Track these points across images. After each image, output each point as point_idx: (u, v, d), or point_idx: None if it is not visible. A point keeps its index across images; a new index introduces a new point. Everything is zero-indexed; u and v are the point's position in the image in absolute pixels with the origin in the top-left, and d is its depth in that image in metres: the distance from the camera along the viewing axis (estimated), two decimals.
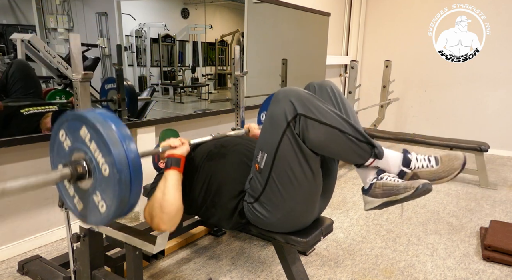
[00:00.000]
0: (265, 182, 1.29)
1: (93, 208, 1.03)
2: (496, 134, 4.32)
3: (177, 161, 1.36)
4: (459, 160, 1.23)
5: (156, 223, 1.29)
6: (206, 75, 3.65)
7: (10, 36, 2.00)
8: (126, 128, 0.99)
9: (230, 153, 1.50)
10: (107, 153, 0.94)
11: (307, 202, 1.33)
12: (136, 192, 0.98)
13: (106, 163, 0.95)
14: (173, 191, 1.31)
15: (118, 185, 0.93)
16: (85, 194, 1.04)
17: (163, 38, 3.11)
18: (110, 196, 0.97)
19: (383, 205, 1.25)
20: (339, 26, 4.95)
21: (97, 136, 0.96)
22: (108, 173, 0.95)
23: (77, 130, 1.01)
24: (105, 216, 1.00)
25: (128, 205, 0.98)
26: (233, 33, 3.53)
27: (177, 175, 1.35)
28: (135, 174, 0.96)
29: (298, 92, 1.22)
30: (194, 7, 3.28)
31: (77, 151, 1.02)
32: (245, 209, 1.39)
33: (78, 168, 0.99)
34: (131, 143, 0.98)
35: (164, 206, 1.28)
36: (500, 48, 4.22)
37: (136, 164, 0.96)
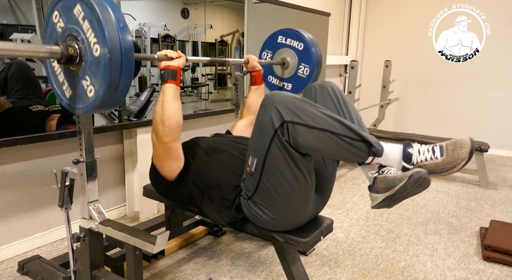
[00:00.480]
0: (257, 185, 1.29)
1: (81, 94, 1.02)
2: (496, 134, 4.32)
3: (173, 73, 1.36)
4: (466, 148, 1.15)
5: (160, 137, 1.34)
6: (206, 75, 3.65)
7: (10, 36, 2.00)
8: (122, 13, 0.97)
9: (229, 149, 1.51)
10: (99, 31, 0.92)
11: (300, 203, 1.33)
12: (126, 77, 0.96)
13: (97, 43, 0.93)
14: (172, 104, 1.34)
15: (109, 65, 0.92)
16: (75, 79, 1.02)
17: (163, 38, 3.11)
18: (99, 79, 0.95)
19: (385, 200, 1.19)
20: (339, 26, 4.95)
21: (90, 13, 0.94)
22: (99, 53, 0.94)
23: (70, 8, 0.99)
24: (93, 101, 0.98)
25: (117, 89, 0.96)
26: (233, 33, 3.53)
27: (175, 88, 1.36)
28: (126, 56, 0.94)
29: (284, 97, 1.19)
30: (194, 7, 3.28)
31: (70, 32, 1.00)
32: (242, 204, 1.39)
33: (69, 49, 0.97)
34: (125, 26, 0.96)
35: (165, 119, 1.32)
36: (500, 48, 4.22)
37: (127, 45, 0.94)
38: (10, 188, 1.89)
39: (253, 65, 1.85)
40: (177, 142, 1.39)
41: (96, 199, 1.38)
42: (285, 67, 2.07)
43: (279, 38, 2.09)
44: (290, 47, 2.05)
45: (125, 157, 2.39)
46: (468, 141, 1.16)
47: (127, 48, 0.94)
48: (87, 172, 1.33)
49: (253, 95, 1.89)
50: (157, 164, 1.46)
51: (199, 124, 2.90)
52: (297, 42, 2.02)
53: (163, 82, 1.36)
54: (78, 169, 1.34)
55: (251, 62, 1.84)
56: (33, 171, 1.96)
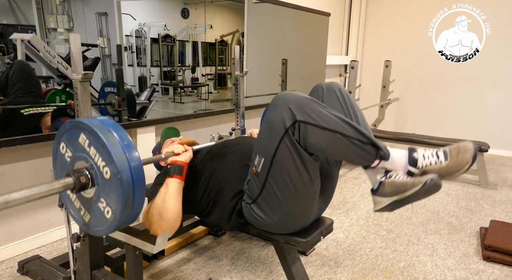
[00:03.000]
0: (262, 186, 1.28)
1: (99, 217, 1.03)
2: (496, 134, 4.32)
3: (180, 169, 1.36)
4: (469, 152, 1.17)
5: (154, 229, 1.31)
6: (206, 75, 3.65)
7: (10, 36, 2.00)
8: (124, 131, 0.99)
9: (231, 153, 1.50)
10: (106, 154, 0.95)
11: (305, 206, 1.32)
12: (139, 192, 0.98)
13: (106, 166, 0.96)
14: (174, 200, 1.32)
15: (120, 185, 0.94)
16: (90, 203, 1.04)
17: (163, 38, 3.11)
18: (114, 199, 0.97)
19: (392, 204, 1.20)
20: (339, 26, 4.95)
21: (95, 140, 0.96)
22: (109, 175, 0.96)
23: (75, 138, 1.02)
24: (112, 222, 1.00)
25: (133, 206, 0.98)
26: (233, 33, 3.53)
27: (179, 183, 1.35)
28: (135, 172, 0.96)
29: (297, 97, 1.19)
30: (194, 7, 3.28)
31: (78, 160, 1.03)
32: (244, 209, 1.39)
33: (81, 178, 0.99)
34: (130, 144, 0.98)
35: (164, 214, 1.30)
36: (500, 48, 4.22)
37: (135, 161, 0.96)
38: (10, 188, 1.89)
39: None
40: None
41: None
42: None
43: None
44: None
45: None
46: (471, 145, 1.18)
47: (135, 164, 0.96)
48: None
49: None
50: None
51: (199, 124, 2.90)
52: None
53: (168, 176, 1.35)
54: None
55: (254, 136, 1.79)
56: (33, 171, 1.96)
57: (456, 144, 1.20)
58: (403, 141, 3.57)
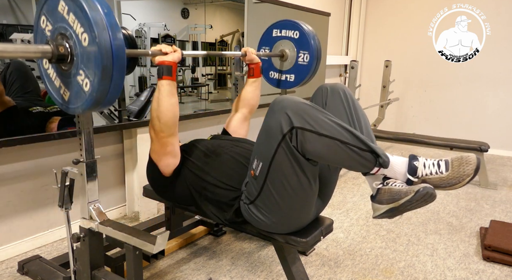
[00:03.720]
0: (260, 189, 1.28)
1: (78, 91, 1.02)
2: (496, 134, 4.32)
3: (168, 69, 1.36)
4: (471, 165, 1.14)
5: (157, 132, 1.36)
6: (206, 75, 3.65)
7: (10, 36, 2.00)
8: (107, 4, 0.97)
9: (227, 152, 1.51)
10: (84, 19, 0.93)
11: (303, 208, 1.33)
12: (118, 63, 0.95)
13: (85, 32, 0.94)
14: (167, 101, 1.34)
15: (99, 52, 0.91)
16: (69, 78, 1.03)
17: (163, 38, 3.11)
18: (92, 68, 0.95)
19: (388, 211, 1.20)
20: (339, 26, 4.95)
21: (74, 4, 0.95)
22: (87, 42, 0.94)
23: (55, 7, 1.00)
24: (89, 94, 0.98)
25: (111, 78, 0.95)
26: (233, 33, 3.53)
27: (170, 84, 1.36)
28: (115, 39, 0.93)
29: (294, 103, 1.17)
30: (194, 7, 3.28)
31: (58, 32, 1.01)
32: (242, 209, 1.39)
33: (59, 48, 0.97)
34: (110, 11, 0.96)
35: (161, 116, 1.34)
36: (500, 48, 4.22)
37: (114, 28, 0.94)
38: (10, 188, 1.89)
39: (251, 58, 1.83)
40: (173, 138, 1.41)
41: (96, 199, 1.38)
42: (284, 59, 2.07)
43: (273, 32, 2.08)
44: (286, 38, 2.04)
45: (125, 157, 2.39)
46: (474, 158, 1.15)
47: (115, 31, 0.94)
48: (87, 172, 1.33)
49: (249, 88, 1.88)
50: (154, 159, 1.47)
51: (199, 124, 2.90)
52: (292, 31, 2.00)
53: (158, 78, 1.36)
54: (78, 169, 1.34)
55: (248, 54, 1.82)
56: (33, 171, 1.96)
57: (460, 155, 1.18)
58: (403, 141, 3.57)
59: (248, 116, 1.90)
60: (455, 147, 3.25)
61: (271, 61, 2.14)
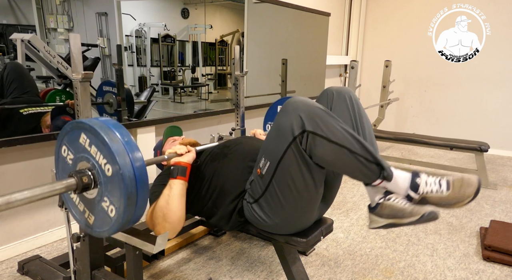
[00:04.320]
0: (265, 188, 1.28)
1: (103, 217, 1.03)
2: (496, 134, 4.32)
3: (183, 170, 1.35)
4: (472, 187, 1.14)
5: (158, 230, 1.31)
6: (206, 75, 3.65)
7: (10, 36, 2.00)
8: (125, 129, 0.99)
9: (233, 152, 1.50)
10: (107, 151, 0.94)
11: (306, 210, 1.33)
12: (142, 189, 0.97)
13: (108, 163, 0.95)
14: (177, 201, 1.31)
15: (123, 181, 0.93)
16: (94, 204, 1.04)
17: (163, 38, 3.11)
18: (117, 197, 0.97)
19: (388, 225, 1.21)
20: (339, 26, 4.95)
21: (95, 138, 0.96)
22: (111, 172, 0.95)
23: (76, 139, 1.02)
24: (116, 220, 0.99)
25: (136, 203, 0.97)
26: (233, 33, 3.53)
27: (183, 185, 1.34)
28: (137, 168, 0.95)
29: (308, 106, 1.17)
30: (194, 7, 3.28)
31: (80, 161, 1.02)
32: (244, 208, 1.39)
33: (83, 178, 0.99)
34: (131, 140, 0.98)
35: (168, 215, 1.29)
36: (500, 48, 4.22)
37: (136, 157, 0.96)
38: (10, 188, 1.89)
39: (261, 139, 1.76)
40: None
41: None
42: None
43: (278, 108, 2.16)
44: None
45: None
46: (476, 180, 1.16)
47: (137, 160, 0.96)
48: None
49: None
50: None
51: (199, 124, 2.90)
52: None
53: (171, 178, 1.35)
54: None
55: (257, 136, 1.80)
56: (33, 171, 1.96)
57: (461, 176, 1.19)
58: (403, 141, 3.57)
59: None
60: (455, 147, 3.25)
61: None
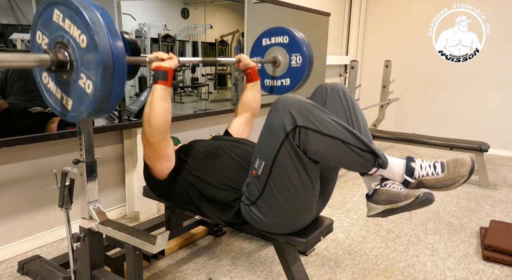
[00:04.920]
0: (262, 188, 1.28)
1: (80, 95, 1.00)
2: (496, 134, 4.32)
3: (164, 74, 1.35)
4: (466, 167, 1.17)
5: (147, 137, 1.35)
6: (206, 75, 3.65)
7: (10, 36, 2.00)
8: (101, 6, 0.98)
9: (227, 154, 1.50)
10: (80, 20, 0.93)
11: (304, 208, 1.33)
12: (118, 59, 0.94)
13: (82, 33, 0.93)
14: (159, 106, 1.33)
15: (98, 49, 0.91)
16: (71, 85, 1.01)
17: (163, 38, 3.11)
18: (93, 68, 0.94)
19: (384, 212, 1.22)
20: (339, 26, 4.95)
21: (68, 10, 0.95)
22: (86, 42, 0.93)
23: (49, 19, 1.00)
24: (93, 95, 0.96)
25: (114, 77, 0.94)
26: (233, 33, 3.53)
27: (165, 89, 1.35)
28: (112, 35, 0.93)
29: (298, 102, 1.18)
30: (194, 7, 3.28)
31: (55, 41, 1.00)
32: (242, 210, 1.39)
33: (58, 54, 0.97)
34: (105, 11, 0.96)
35: (151, 120, 1.32)
36: (500, 48, 4.22)
37: (110, 25, 0.94)
38: (10, 188, 1.89)
39: (246, 63, 1.85)
40: (164, 143, 1.39)
41: (96, 199, 1.38)
42: (277, 65, 2.10)
43: (263, 41, 2.14)
44: (276, 44, 2.09)
45: (125, 157, 2.39)
46: (469, 160, 1.19)
47: (111, 28, 0.94)
48: (87, 172, 1.33)
49: (248, 93, 1.89)
50: (148, 164, 1.47)
51: (199, 124, 2.90)
52: (280, 37, 2.06)
53: (153, 83, 1.36)
54: (78, 169, 1.34)
55: (243, 60, 1.84)
56: (33, 171, 1.96)
57: (455, 157, 1.22)
58: (403, 141, 3.57)
59: (251, 119, 1.92)
60: (455, 147, 3.25)
61: (264, 69, 2.19)
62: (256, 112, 1.92)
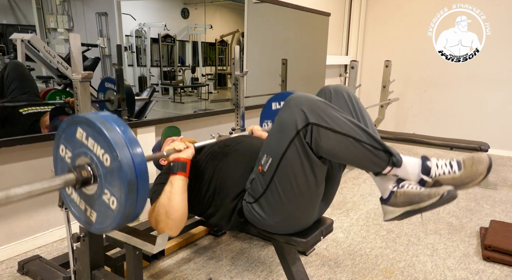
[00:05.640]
0: (267, 186, 1.27)
1: (105, 210, 1.01)
2: (496, 134, 4.32)
3: (183, 165, 1.34)
4: (484, 164, 1.13)
5: (162, 228, 1.30)
6: (206, 75, 3.65)
7: (10, 36, 2.00)
8: (121, 120, 0.99)
9: (233, 152, 1.49)
10: (103, 140, 0.94)
11: (307, 209, 1.32)
12: (141, 175, 0.95)
13: (106, 153, 0.95)
14: (179, 197, 1.30)
15: (121, 168, 0.92)
16: (94, 199, 1.03)
17: (163, 38, 3.11)
18: (117, 186, 0.95)
19: (405, 214, 1.18)
20: (339, 26, 4.95)
21: (92, 130, 0.96)
22: (109, 162, 0.94)
23: (73, 135, 1.01)
24: (118, 211, 0.98)
25: (137, 191, 0.95)
26: (233, 33, 3.53)
27: (184, 180, 1.34)
28: (135, 154, 0.95)
29: (310, 100, 1.17)
30: (194, 7, 3.28)
31: (78, 157, 1.02)
32: (244, 208, 1.39)
33: (82, 172, 0.98)
34: (127, 129, 0.97)
35: (170, 212, 1.28)
36: (500, 48, 4.22)
37: (133, 143, 0.95)
38: None
39: (259, 135, 1.77)
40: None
41: None
42: None
43: (272, 105, 2.13)
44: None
45: None
46: (486, 157, 1.15)
47: (134, 146, 0.96)
48: None
49: None
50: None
51: (199, 124, 2.90)
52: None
53: (172, 174, 1.34)
54: None
55: (255, 132, 1.78)
56: (33, 171, 1.96)
57: (471, 155, 1.18)
58: (403, 141, 3.57)
59: None
60: (455, 147, 3.25)
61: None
62: None
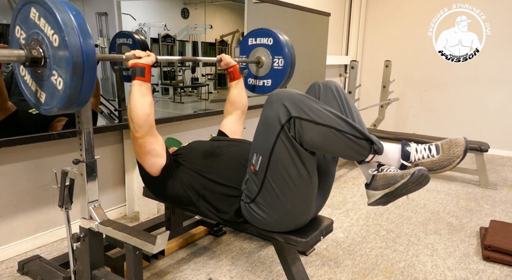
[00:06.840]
0: (261, 184, 1.29)
1: (52, 91, 1.07)
2: (496, 134, 4.32)
3: (141, 70, 1.40)
4: (460, 146, 1.21)
5: (132, 132, 1.41)
6: (206, 75, 3.65)
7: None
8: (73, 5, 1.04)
9: (226, 153, 1.52)
10: (54, 21, 0.99)
11: (304, 202, 1.33)
12: (88, 59, 1.01)
13: (55, 33, 1.00)
14: (138, 100, 1.38)
15: (68, 49, 0.97)
16: (44, 81, 1.09)
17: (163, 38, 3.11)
18: (64, 67, 1.01)
19: (384, 197, 1.23)
20: (339, 26, 4.95)
21: (44, 10, 1.01)
22: (58, 42, 0.99)
23: (27, 16, 1.07)
24: (63, 91, 1.03)
25: (83, 76, 1.01)
26: (233, 33, 3.53)
27: (142, 84, 1.40)
28: (83, 36, 1.00)
29: (291, 94, 1.21)
30: (194, 7, 3.28)
31: (31, 38, 1.07)
32: (242, 209, 1.39)
33: (33, 52, 1.04)
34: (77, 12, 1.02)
35: (132, 115, 1.38)
36: (500, 48, 4.22)
37: (82, 27, 1.00)
38: (10, 188, 1.89)
39: (227, 62, 1.90)
40: (149, 137, 1.42)
41: (96, 199, 1.38)
42: (260, 65, 2.17)
43: (249, 40, 2.20)
44: (261, 45, 2.15)
45: (125, 157, 2.39)
46: (463, 140, 1.22)
47: (83, 30, 1.01)
48: (87, 172, 1.33)
49: (234, 90, 1.93)
50: (137, 160, 1.50)
51: (199, 124, 2.90)
52: (266, 38, 2.12)
53: (131, 79, 1.40)
54: (78, 169, 1.35)
55: (224, 59, 1.89)
56: (33, 171, 1.96)
57: (449, 139, 1.25)
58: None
59: (242, 116, 1.96)
60: None
61: (249, 69, 2.25)
62: (245, 108, 1.97)
